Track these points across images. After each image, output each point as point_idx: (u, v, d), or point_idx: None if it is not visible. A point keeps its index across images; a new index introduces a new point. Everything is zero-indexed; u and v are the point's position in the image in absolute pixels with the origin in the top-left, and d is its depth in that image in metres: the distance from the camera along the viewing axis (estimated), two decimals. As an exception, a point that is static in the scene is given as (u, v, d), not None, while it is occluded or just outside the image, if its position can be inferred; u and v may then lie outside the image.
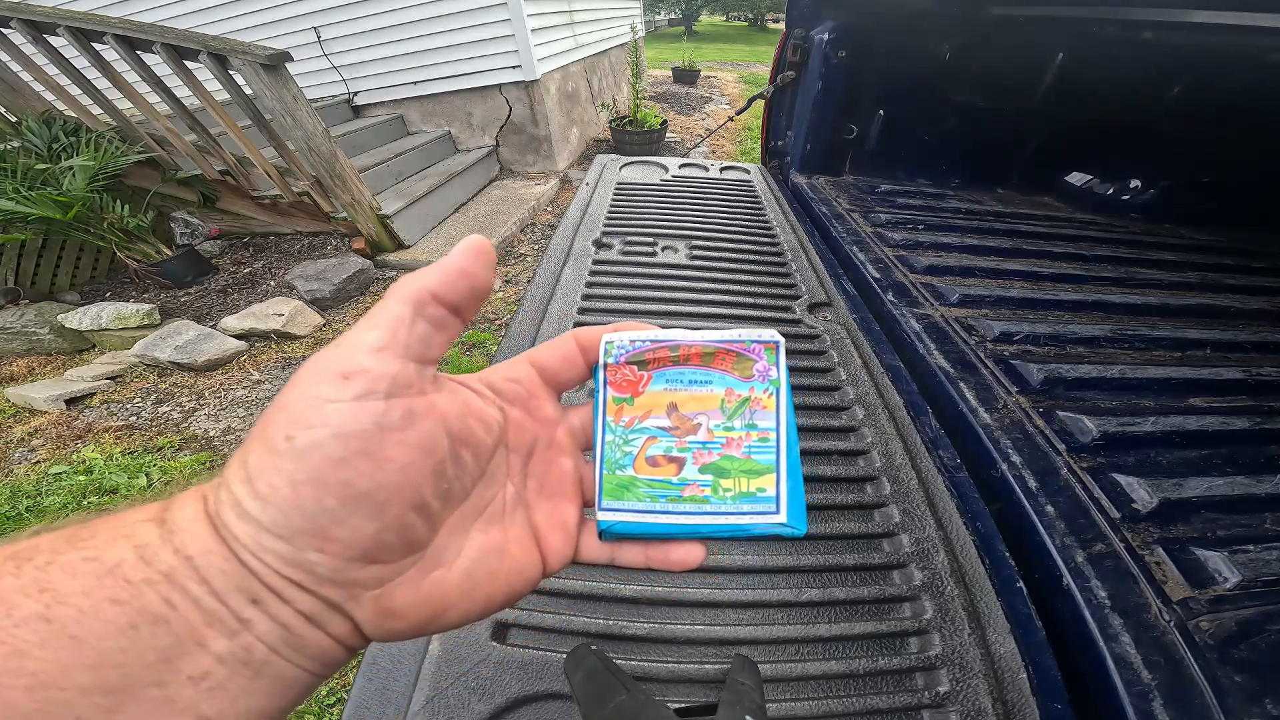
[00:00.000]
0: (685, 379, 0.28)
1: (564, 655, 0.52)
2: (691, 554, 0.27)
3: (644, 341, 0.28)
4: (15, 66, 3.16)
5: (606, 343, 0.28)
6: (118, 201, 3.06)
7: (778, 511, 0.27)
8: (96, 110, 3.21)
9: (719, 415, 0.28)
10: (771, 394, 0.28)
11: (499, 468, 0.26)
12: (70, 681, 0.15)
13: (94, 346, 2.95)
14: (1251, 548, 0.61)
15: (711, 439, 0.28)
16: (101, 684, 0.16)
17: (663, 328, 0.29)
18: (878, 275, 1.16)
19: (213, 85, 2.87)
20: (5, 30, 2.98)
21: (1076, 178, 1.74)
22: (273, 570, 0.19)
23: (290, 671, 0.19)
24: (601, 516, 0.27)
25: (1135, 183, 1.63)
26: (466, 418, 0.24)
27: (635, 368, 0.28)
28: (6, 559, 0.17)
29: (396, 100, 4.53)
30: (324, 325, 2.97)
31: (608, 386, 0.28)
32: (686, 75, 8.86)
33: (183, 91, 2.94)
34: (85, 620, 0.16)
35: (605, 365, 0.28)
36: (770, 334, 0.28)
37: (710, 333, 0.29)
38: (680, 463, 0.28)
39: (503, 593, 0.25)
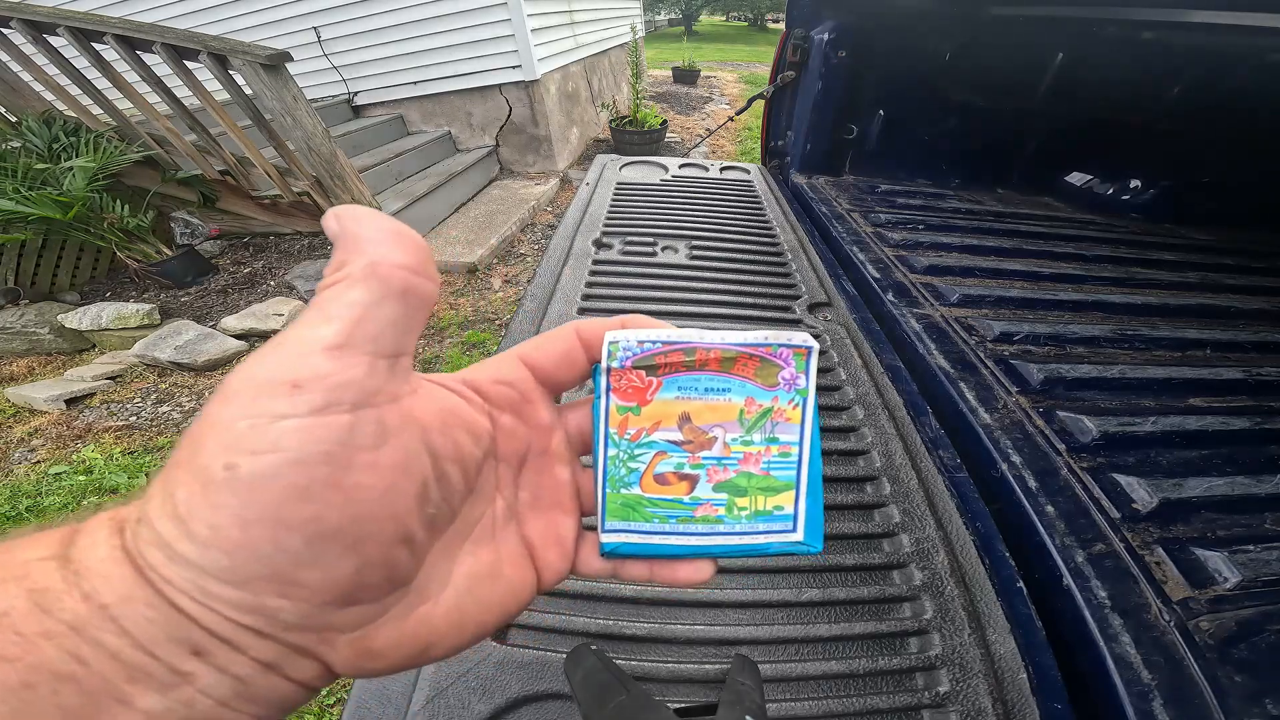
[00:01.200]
0: (700, 386, 0.25)
1: (564, 655, 0.52)
2: (699, 572, 0.25)
3: (654, 343, 0.25)
4: (15, 66, 3.15)
5: (610, 343, 0.25)
6: (118, 201, 3.06)
7: (794, 529, 0.26)
8: (96, 110, 3.21)
9: (737, 428, 0.25)
10: (797, 405, 0.25)
11: (488, 481, 0.23)
12: None
13: (94, 346, 2.95)
14: (1251, 548, 0.61)
15: (728, 454, 0.25)
16: None
17: (676, 326, 0.26)
18: (878, 275, 1.16)
19: (213, 85, 2.87)
20: (5, 30, 2.98)
21: (1076, 178, 1.74)
22: (222, 618, 0.15)
23: None
24: (605, 538, 0.25)
25: (1135, 183, 1.63)
26: (451, 428, 0.20)
27: (643, 373, 0.25)
28: None
29: (396, 100, 4.53)
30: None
31: (611, 393, 0.25)
32: (686, 75, 8.86)
33: (183, 91, 2.94)
34: None
35: (609, 370, 0.25)
36: (802, 338, 0.25)
37: (731, 334, 0.25)
38: (693, 480, 0.25)
39: (495, 618, 0.22)
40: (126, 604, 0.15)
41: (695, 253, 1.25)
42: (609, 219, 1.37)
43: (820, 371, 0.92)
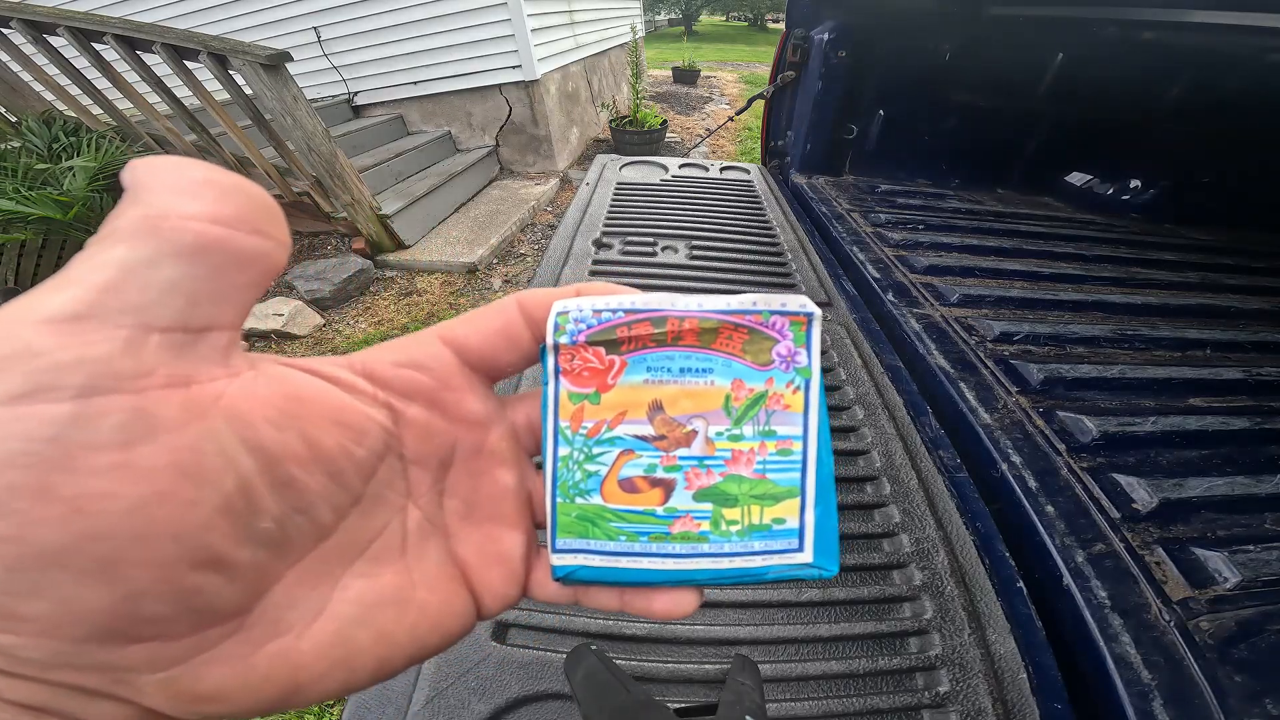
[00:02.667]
0: (675, 366, 0.20)
1: (564, 655, 0.52)
2: (680, 603, 0.20)
3: (614, 312, 0.20)
4: (15, 66, 3.16)
5: (559, 313, 0.20)
6: (118, 202, 3.06)
7: (801, 549, 0.20)
8: (96, 110, 3.21)
9: (723, 419, 0.20)
10: (798, 388, 0.20)
11: (390, 487, 0.19)
12: None
13: (94, 346, 2.95)
14: (1251, 548, 0.61)
15: (711, 453, 0.20)
16: None
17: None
18: (878, 275, 1.16)
19: (213, 85, 2.87)
20: (5, 30, 2.98)
21: (1076, 178, 1.74)
22: None
23: None
24: (556, 560, 0.20)
25: (1135, 183, 1.64)
26: (302, 421, 0.16)
27: (602, 350, 0.20)
28: None
29: (396, 100, 4.53)
30: (323, 325, 2.97)
31: (561, 377, 0.20)
32: (686, 75, 8.86)
33: (183, 91, 2.94)
34: None
35: (557, 347, 0.20)
36: (800, 301, 0.20)
37: (711, 299, 0.20)
38: (668, 487, 0.20)
39: (406, 652, 0.18)
40: None
41: (695, 253, 1.25)
42: (609, 219, 1.37)
43: (821, 371, 0.92)
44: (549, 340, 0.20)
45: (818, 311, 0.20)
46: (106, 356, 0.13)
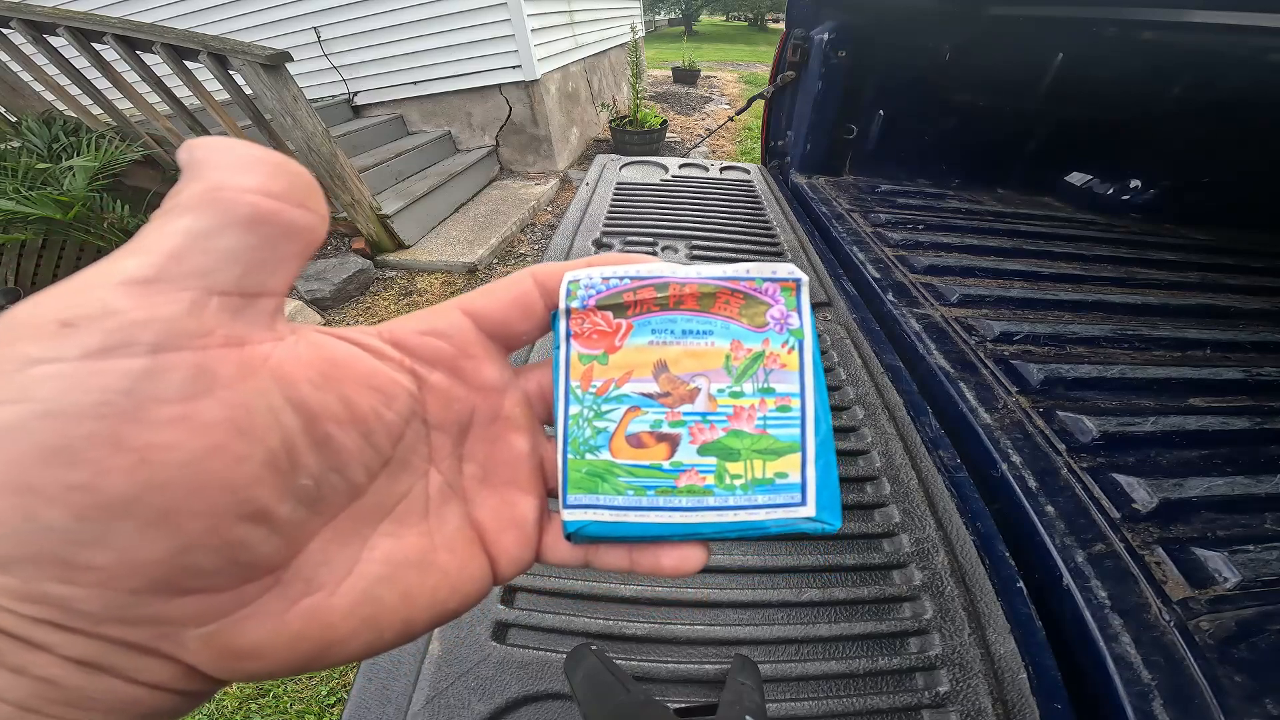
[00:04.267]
0: (678, 328, 0.21)
1: (564, 655, 0.52)
2: (688, 558, 0.21)
3: (620, 279, 0.21)
4: (15, 66, 3.16)
5: (570, 281, 0.21)
6: (118, 201, 3.06)
7: (803, 503, 0.21)
8: (96, 110, 3.21)
9: (724, 377, 0.21)
10: (792, 348, 0.22)
11: (414, 451, 0.20)
12: None
13: (94, 346, 2.95)
14: (1251, 548, 0.61)
15: (714, 409, 0.21)
16: None
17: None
18: (878, 275, 1.16)
19: (213, 85, 2.87)
20: (5, 30, 2.98)
21: (1076, 178, 1.74)
22: None
23: None
24: (568, 515, 0.21)
25: (1135, 183, 1.63)
26: (340, 383, 0.17)
27: (609, 314, 0.21)
28: None
29: (396, 100, 4.53)
30: (324, 325, 2.97)
31: (572, 340, 0.22)
32: (686, 75, 8.86)
33: (183, 91, 2.94)
34: None
35: (568, 311, 0.21)
36: (788, 269, 0.22)
37: (709, 267, 0.22)
38: (673, 441, 0.21)
39: (428, 614, 0.19)
40: None
41: (695, 253, 1.25)
42: (609, 219, 1.37)
43: (815, 335, 0.92)
44: (561, 305, 0.21)
45: (805, 278, 0.22)
46: (174, 316, 0.14)
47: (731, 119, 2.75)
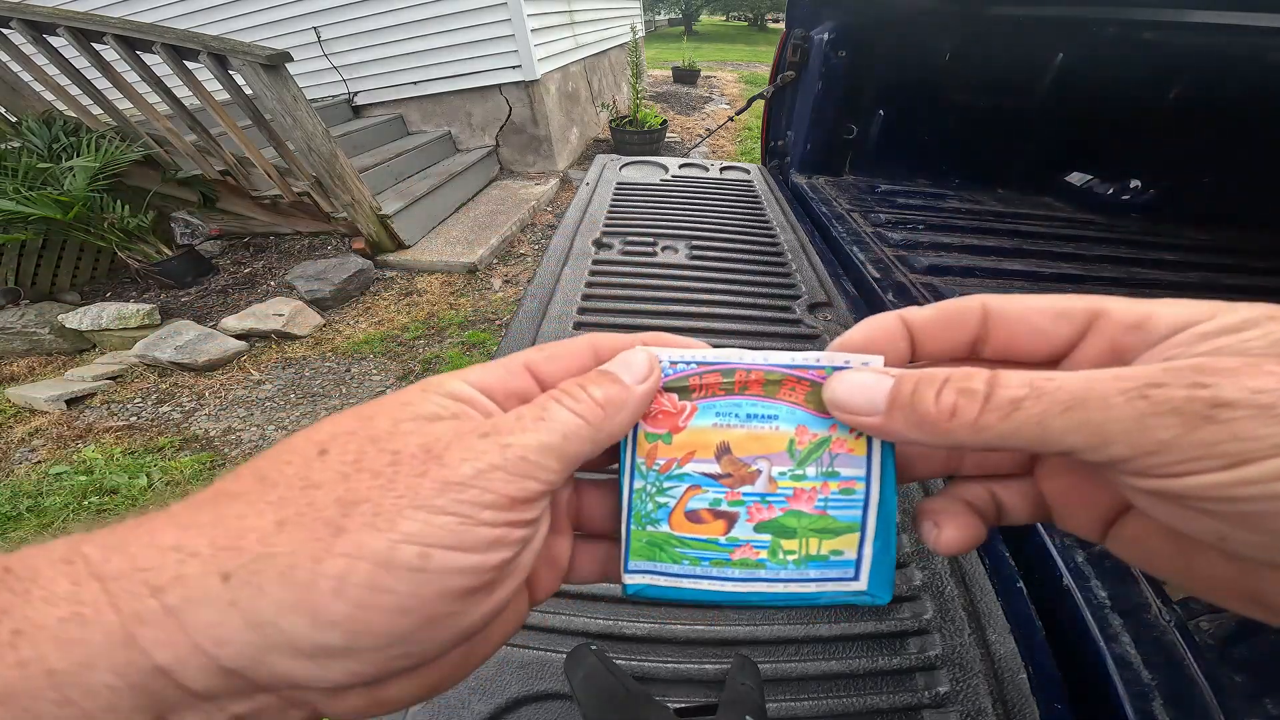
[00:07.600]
0: (742, 412, 0.22)
1: (564, 655, 0.52)
2: None
3: (688, 364, 0.22)
4: (15, 66, 3.16)
5: None
6: (118, 201, 3.06)
7: (856, 578, 0.22)
8: (96, 110, 3.21)
9: (786, 460, 0.22)
10: (861, 435, 0.22)
11: None
12: None
13: (94, 346, 2.95)
14: (1251, 548, 0.60)
15: (774, 490, 0.22)
16: None
17: (709, 346, 0.23)
18: (878, 275, 1.16)
19: (213, 85, 2.87)
20: (5, 30, 2.98)
21: (1076, 178, 1.74)
22: (215, 671, 0.14)
23: None
24: (629, 580, 0.23)
25: (1135, 183, 1.63)
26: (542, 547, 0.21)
27: (675, 396, 0.23)
28: None
29: (396, 100, 4.53)
30: (324, 325, 2.97)
31: (639, 419, 0.23)
32: (686, 75, 8.85)
33: (183, 91, 2.94)
34: None
35: None
36: (861, 359, 0.21)
37: (776, 354, 0.22)
38: (730, 519, 0.22)
39: (494, 647, 0.21)
40: (85, 671, 0.13)
41: (695, 253, 1.25)
42: (609, 219, 1.37)
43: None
44: None
45: (880, 358, 0.21)
46: (550, 498, 0.19)
47: (731, 119, 2.75)
